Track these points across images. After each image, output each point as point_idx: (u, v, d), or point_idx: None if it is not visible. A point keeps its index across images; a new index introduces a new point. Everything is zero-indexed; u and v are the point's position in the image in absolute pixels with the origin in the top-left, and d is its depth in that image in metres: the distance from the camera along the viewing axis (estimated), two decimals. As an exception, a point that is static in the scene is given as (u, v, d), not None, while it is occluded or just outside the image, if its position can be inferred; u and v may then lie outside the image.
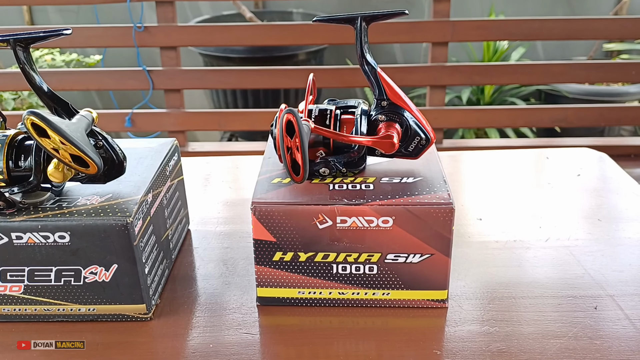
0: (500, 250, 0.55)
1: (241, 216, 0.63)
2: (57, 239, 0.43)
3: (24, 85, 1.69)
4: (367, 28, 0.46)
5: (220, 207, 0.65)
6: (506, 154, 0.78)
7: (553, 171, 0.71)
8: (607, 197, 0.65)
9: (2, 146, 0.43)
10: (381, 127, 0.46)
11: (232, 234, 0.59)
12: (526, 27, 1.49)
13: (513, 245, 0.55)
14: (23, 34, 0.42)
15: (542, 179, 0.69)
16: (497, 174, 0.72)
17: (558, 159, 0.74)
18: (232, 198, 0.68)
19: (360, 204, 0.44)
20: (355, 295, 0.47)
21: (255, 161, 0.79)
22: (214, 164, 0.77)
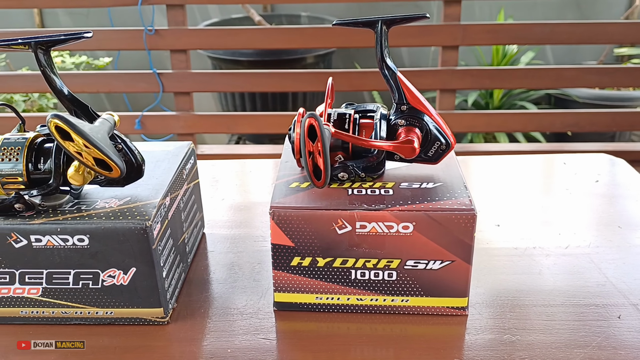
0: (520, 257, 0.54)
1: (253, 220, 0.63)
2: (76, 242, 0.42)
3: (34, 87, 1.70)
4: (388, 32, 0.45)
5: (232, 210, 0.65)
6: (521, 158, 0.78)
7: (570, 177, 0.70)
8: (626, 204, 0.64)
9: (22, 149, 0.43)
10: (401, 131, 0.46)
11: (246, 238, 0.59)
12: (537, 31, 1.49)
13: (532, 252, 0.55)
14: (44, 37, 0.42)
15: (559, 184, 0.68)
16: (512, 179, 0.72)
17: (575, 165, 0.73)
18: (244, 201, 0.67)
19: (380, 209, 0.43)
20: (374, 301, 0.47)
21: (263, 164, 0.79)
22: (222, 167, 0.77)
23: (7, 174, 0.43)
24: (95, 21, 2.32)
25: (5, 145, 0.43)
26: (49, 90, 1.40)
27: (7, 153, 0.43)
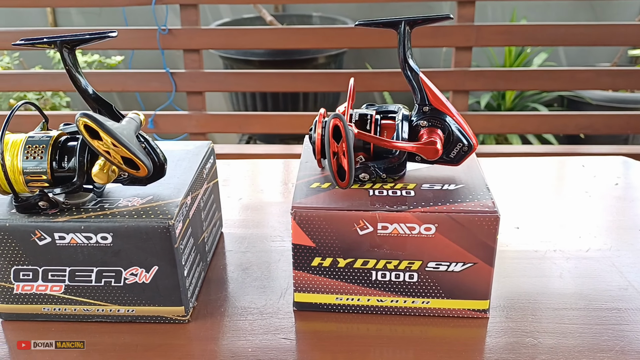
0: (540, 260, 0.54)
1: (269, 220, 0.63)
2: (100, 240, 0.43)
3: (47, 86, 1.71)
4: (410, 32, 0.45)
5: (249, 210, 0.65)
6: (538, 160, 0.77)
7: (589, 180, 0.70)
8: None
9: (47, 147, 0.43)
10: (423, 132, 0.46)
11: (264, 237, 0.59)
12: (551, 32, 1.48)
13: (553, 255, 0.54)
14: (69, 36, 0.42)
15: (578, 187, 0.68)
16: (530, 181, 0.71)
17: (594, 167, 0.73)
18: (259, 201, 0.68)
19: (402, 210, 0.43)
20: (394, 303, 0.47)
21: (273, 164, 0.79)
22: (233, 167, 0.77)
23: (31, 172, 0.43)
24: (107, 20, 2.33)
25: (30, 144, 0.43)
26: (62, 89, 1.42)
27: (32, 151, 0.43)
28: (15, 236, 0.43)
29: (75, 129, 0.46)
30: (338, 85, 1.62)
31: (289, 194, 0.69)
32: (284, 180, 0.74)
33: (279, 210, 0.65)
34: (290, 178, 0.75)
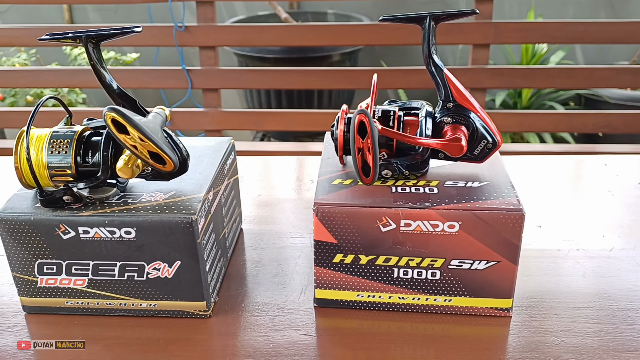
0: (563, 260, 0.53)
1: (288, 216, 0.63)
2: (123, 235, 0.43)
3: (64, 82, 1.73)
4: (435, 28, 0.45)
5: (268, 207, 0.65)
6: (558, 159, 0.77)
7: (612, 178, 0.69)
8: (669, 207, 0.62)
9: (71, 142, 0.43)
10: (447, 129, 0.46)
11: (282, 234, 0.59)
12: (570, 29, 1.46)
13: (576, 254, 0.54)
14: (95, 31, 0.42)
15: (601, 186, 0.67)
16: (551, 179, 0.71)
17: (616, 166, 0.72)
18: (277, 198, 0.68)
19: (426, 207, 0.43)
20: (416, 300, 0.46)
21: (287, 162, 0.79)
22: (247, 164, 0.77)
23: (56, 167, 0.43)
24: (123, 18, 2.34)
25: (55, 138, 0.44)
26: (78, 85, 1.43)
27: (57, 146, 0.43)
28: (39, 230, 0.43)
29: (99, 124, 0.46)
30: (353, 82, 1.62)
31: (306, 190, 0.69)
32: (300, 177, 0.74)
33: (297, 207, 0.65)
34: (305, 175, 0.74)
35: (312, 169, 0.76)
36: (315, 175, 0.73)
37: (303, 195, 0.68)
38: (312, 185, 0.70)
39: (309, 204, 0.65)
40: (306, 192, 0.69)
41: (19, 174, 0.44)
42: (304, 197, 0.68)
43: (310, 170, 0.76)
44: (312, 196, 0.67)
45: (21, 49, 2.22)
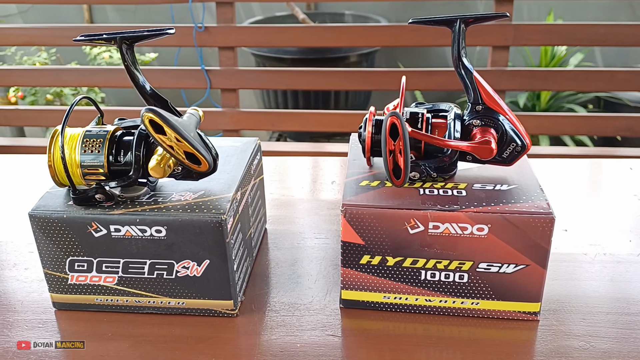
0: (590, 264, 0.53)
1: (311, 217, 0.63)
2: (154, 233, 0.43)
3: (84, 81, 1.75)
4: (465, 31, 0.45)
5: (290, 207, 0.65)
6: (582, 162, 0.76)
7: (637, 182, 0.68)
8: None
9: (104, 141, 0.44)
10: (476, 132, 0.45)
11: (305, 234, 0.59)
12: (591, 32, 1.45)
13: (603, 258, 0.53)
14: (129, 33, 0.43)
15: (626, 190, 0.66)
16: (575, 183, 0.70)
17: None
18: (299, 198, 0.68)
19: (455, 210, 0.43)
20: (443, 303, 0.46)
21: (303, 162, 0.79)
22: (265, 164, 0.77)
23: (88, 165, 0.44)
24: (142, 18, 2.37)
25: (88, 138, 0.44)
26: (98, 84, 1.44)
27: (90, 145, 0.44)
28: (72, 228, 0.44)
29: (130, 124, 0.46)
30: (370, 83, 1.62)
31: (327, 191, 0.69)
32: (320, 178, 0.74)
33: (320, 208, 0.65)
34: (325, 176, 0.75)
35: (330, 170, 0.76)
36: (334, 176, 0.74)
37: (324, 196, 0.68)
38: (332, 186, 0.70)
39: (332, 204, 0.65)
40: (327, 193, 0.69)
41: (52, 172, 0.44)
42: (326, 198, 0.68)
43: (329, 171, 0.76)
44: (333, 197, 0.67)
45: (41, 48, 2.26)
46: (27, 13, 2.41)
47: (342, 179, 0.72)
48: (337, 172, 0.75)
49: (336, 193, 0.69)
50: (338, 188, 0.70)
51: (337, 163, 0.79)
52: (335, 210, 0.64)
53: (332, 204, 0.66)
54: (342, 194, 0.45)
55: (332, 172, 0.76)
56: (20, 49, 2.25)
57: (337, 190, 0.70)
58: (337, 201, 0.66)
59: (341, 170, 0.76)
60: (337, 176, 0.74)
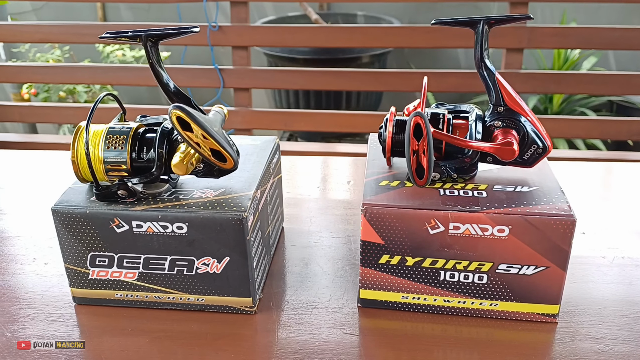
0: (608, 267, 0.52)
1: (327, 216, 0.63)
2: (175, 230, 0.44)
3: (97, 79, 1.76)
4: (488, 32, 0.45)
5: (307, 206, 0.66)
6: (600, 165, 0.76)
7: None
8: None
9: (127, 138, 0.44)
10: (497, 133, 0.45)
11: (321, 233, 0.59)
12: (606, 35, 1.44)
13: (621, 262, 0.53)
14: (154, 31, 0.43)
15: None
16: (592, 186, 0.70)
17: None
18: (320, 198, 0.68)
19: (475, 211, 0.43)
20: (462, 304, 0.46)
21: (317, 161, 0.79)
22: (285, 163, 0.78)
23: (112, 162, 0.44)
24: (155, 16, 2.38)
25: (111, 134, 0.45)
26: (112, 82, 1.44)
27: (113, 141, 0.44)
28: (94, 223, 0.44)
29: (153, 121, 0.47)
30: (382, 84, 1.62)
31: (343, 191, 0.70)
32: (335, 178, 0.74)
33: (337, 207, 0.65)
34: (338, 176, 0.75)
35: (345, 170, 0.76)
36: (349, 176, 0.74)
37: (340, 196, 0.68)
38: (349, 186, 0.71)
39: (348, 204, 0.65)
40: (343, 193, 0.69)
41: (75, 167, 0.45)
42: (342, 197, 0.68)
43: (343, 170, 0.76)
44: (349, 197, 0.68)
45: (55, 45, 2.27)
46: (41, 10, 2.43)
47: (359, 179, 0.72)
48: (353, 172, 0.76)
49: (352, 193, 0.69)
50: (354, 188, 0.70)
51: (351, 163, 0.79)
52: (350, 210, 0.64)
53: (348, 204, 0.66)
54: (360, 193, 0.45)
55: (347, 172, 0.76)
56: (34, 46, 2.27)
57: (353, 190, 0.70)
58: (352, 201, 0.67)
59: (356, 170, 0.76)
60: (353, 176, 0.74)
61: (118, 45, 2.23)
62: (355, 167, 0.78)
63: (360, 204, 0.44)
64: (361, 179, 0.73)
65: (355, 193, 0.69)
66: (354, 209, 0.64)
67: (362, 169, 0.77)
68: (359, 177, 0.73)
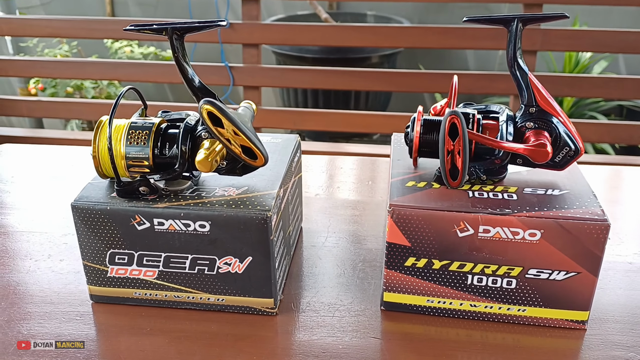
0: (636, 273, 0.51)
1: (348, 217, 0.62)
2: (198, 228, 0.43)
3: (105, 75, 1.75)
4: (522, 31, 0.44)
5: (323, 206, 0.65)
6: (620, 170, 0.74)
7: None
8: None
9: (150, 133, 0.43)
10: (529, 134, 0.44)
11: (344, 235, 0.58)
12: (620, 38, 1.43)
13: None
14: (180, 24, 0.42)
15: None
16: (614, 190, 0.69)
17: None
18: (335, 197, 0.67)
19: (507, 214, 0.42)
20: (488, 309, 0.45)
21: (320, 161, 0.77)
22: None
23: (133, 157, 0.43)
24: (163, 12, 2.37)
25: (133, 129, 0.44)
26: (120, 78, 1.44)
27: (135, 137, 0.43)
28: (115, 220, 0.43)
29: (176, 117, 0.46)
30: (392, 84, 1.61)
31: (364, 191, 0.68)
32: (358, 178, 0.73)
33: (357, 207, 0.64)
34: (359, 175, 0.74)
35: (361, 170, 0.75)
36: (367, 176, 0.73)
37: (360, 196, 0.67)
38: (369, 186, 0.69)
39: (366, 205, 0.64)
40: (363, 193, 0.68)
41: (96, 162, 0.44)
42: (361, 198, 0.67)
43: (359, 170, 0.75)
44: (368, 197, 0.66)
45: (63, 40, 2.27)
46: (49, 5, 2.42)
47: (378, 179, 0.71)
48: (371, 172, 0.74)
49: (371, 193, 0.68)
50: (371, 187, 0.69)
51: (368, 162, 0.78)
52: (372, 210, 0.63)
53: (365, 204, 0.65)
54: (380, 193, 0.44)
55: (365, 172, 0.75)
56: (42, 40, 2.26)
57: (371, 189, 0.69)
58: (371, 201, 0.65)
59: (374, 169, 0.75)
60: (371, 176, 0.73)
61: (126, 41, 2.22)
62: (370, 166, 0.76)
63: (381, 203, 0.43)
64: (380, 179, 0.71)
65: (372, 193, 0.68)
66: (371, 210, 0.63)
67: (377, 169, 0.75)
68: (375, 177, 0.72)
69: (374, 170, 0.75)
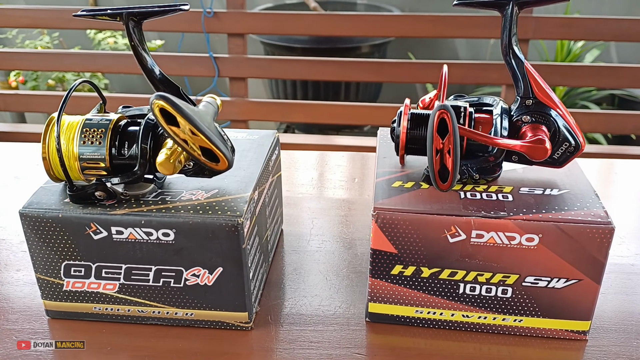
0: (639, 276, 0.48)
1: (329, 218, 0.58)
2: (161, 237, 0.39)
3: (87, 67, 1.69)
4: (518, 15, 0.39)
5: (306, 205, 0.61)
6: (613, 162, 0.71)
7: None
8: None
9: (106, 131, 0.39)
10: (525, 129, 0.40)
11: (327, 238, 0.54)
12: (613, 26, 1.39)
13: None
14: (137, 8, 0.38)
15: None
16: (611, 184, 0.65)
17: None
18: (318, 196, 0.63)
19: (502, 217, 0.38)
20: (482, 319, 0.41)
21: (313, 157, 0.74)
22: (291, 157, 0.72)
23: (88, 158, 0.39)
24: (147, 2, 2.31)
25: (88, 127, 0.39)
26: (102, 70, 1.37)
27: (90, 135, 0.39)
28: (68, 229, 0.39)
29: (136, 112, 0.41)
30: (383, 75, 1.56)
31: (348, 190, 0.64)
32: (340, 175, 0.69)
33: (341, 207, 0.60)
34: (340, 172, 0.69)
35: (347, 167, 0.71)
36: (353, 174, 0.68)
37: (344, 195, 0.63)
38: (354, 184, 0.65)
39: (352, 204, 0.60)
40: (347, 192, 0.64)
41: (46, 165, 0.39)
42: (346, 197, 0.63)
43: (345, 167, 0.71)
44: (353, 196, 0.62)
45: (44, 31, 2.20)
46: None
47: (364, 176, 0.67)
48: (357, 169, 0.70)
49: (357, 191, 0.64)
50: (359, 186, 0.65)
51: (355, 158, 0.74)
52: (356, 211, 0.59)
53: (352, 204, 0.61)
54: (366, 192, 0.40)
55: (351, 169, 0.70)
56: (22, 32, 2.19)
57: (358, 188, 0.65)
58: (357, 201, 0.61)
59: (360, 166, 0.71)
60: (357, 173, 0.69)
61: (110, 32, 2.16)
62: (359, 162, 0.72)
63: (370, 203, 0.39)
64: (366, 176, 0.67)
65: (361, 192, 0.64)
66: (359, 210, 0.59)
67: (367, 165, 0.71)
68: (364, 174, 0.68)
69: (364, 167, 0.71)
